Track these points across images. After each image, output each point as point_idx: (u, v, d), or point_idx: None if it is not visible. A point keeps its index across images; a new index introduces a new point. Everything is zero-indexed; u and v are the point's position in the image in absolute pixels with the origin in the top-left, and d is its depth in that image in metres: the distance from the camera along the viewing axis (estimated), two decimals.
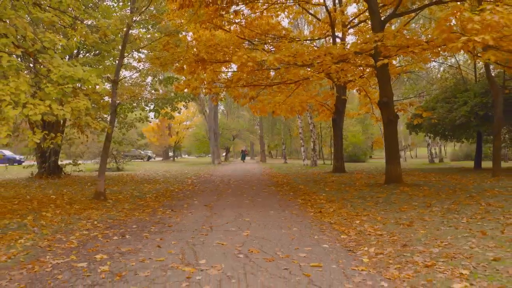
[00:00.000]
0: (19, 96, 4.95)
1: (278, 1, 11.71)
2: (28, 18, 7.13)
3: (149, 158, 44.52)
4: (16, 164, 31.24)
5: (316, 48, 7.72)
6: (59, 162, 14.53)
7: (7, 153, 34.66)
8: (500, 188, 7.70)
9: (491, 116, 13.43)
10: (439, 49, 6.44)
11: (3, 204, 6.59)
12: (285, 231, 4.20)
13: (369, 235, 3.95)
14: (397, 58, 11.96)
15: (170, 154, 46.59)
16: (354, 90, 16.28)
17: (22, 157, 34.04)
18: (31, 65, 8.12)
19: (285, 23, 17.32)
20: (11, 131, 4.83)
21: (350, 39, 20.58)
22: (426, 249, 3.30)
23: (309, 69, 7.45)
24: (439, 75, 23.27)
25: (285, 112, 14.93)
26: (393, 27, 14.80)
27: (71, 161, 15.36)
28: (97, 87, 5.93)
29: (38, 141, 5.04)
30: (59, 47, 5.63)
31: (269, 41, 14.24)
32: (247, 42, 13.77)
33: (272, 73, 10.85)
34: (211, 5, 10.18)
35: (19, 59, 7.54)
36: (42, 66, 5.70)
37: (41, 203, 6.67)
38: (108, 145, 7.49)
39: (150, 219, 5.13)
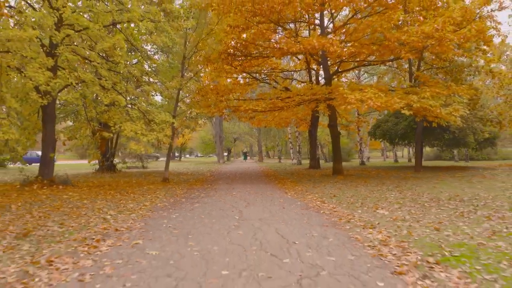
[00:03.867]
0: (143, 130, 10.76)
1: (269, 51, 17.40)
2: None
3: (157, 158, 50.78)
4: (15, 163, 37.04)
5: (288, 93, 13.50)
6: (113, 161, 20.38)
7: (40, 153, 40.57)
8: (395, 178, 13.54)
9: (426, 129, 19.04)
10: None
11: (117, 184, 12.37)
12: (264, 189, 10.07)
13: (297, 190, 9.79)
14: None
15: (176, 154, 52.66)
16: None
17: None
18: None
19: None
20: (141, 148, 10.64)
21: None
22: (313, 194, 9.14)
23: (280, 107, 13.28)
24: None
25: (274, 125, 20.90)
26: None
27: (120, 161, 21.24)
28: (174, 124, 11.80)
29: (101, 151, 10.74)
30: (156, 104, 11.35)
31: (263, 71, 20.09)
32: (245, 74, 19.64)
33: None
34: (223, 60, 16.00)
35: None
36: (145, 115, 11.50)
37: (137, 184, 12.45)
38: (170, 151, 13.32)
39: (203, 187, 10.99)
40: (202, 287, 2.73)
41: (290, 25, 16.77)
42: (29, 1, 10.37)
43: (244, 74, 19.67)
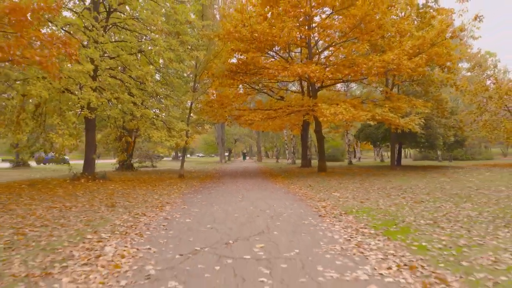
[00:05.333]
0: (166, 137, 13.84)
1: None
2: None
3: (161, 158, 54.18)
4: (62, 163, 40.36)
5: (281, 104, 16.62)
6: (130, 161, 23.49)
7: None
8: (366, 174, 16.64)
9: (400, 134, 22.07)
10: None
11: (143, 179, 15.44)
12: (260, 182, 13.17)
13: (285, 183, 12.89)
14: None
15: (179, 154, 56.12)
16: None
17: (67, 157, 43.43)
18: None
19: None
20: (166, 150, 13.65)
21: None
22: (296, 184, 12.23)
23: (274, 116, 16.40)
24: None
25: (271, 130, 24.02)
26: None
27: (136, 161, 24.34)
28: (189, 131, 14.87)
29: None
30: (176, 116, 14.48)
31: (261, 81, 23.19)
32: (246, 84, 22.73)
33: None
34: (227, 76, 19.08)
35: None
36: (165, 124, 14.57)
37: (159, 179, 15.52)
38: (185, 153, 16.38)
39: (213, 181, 14.08)
40: (226, 219, 5.83)
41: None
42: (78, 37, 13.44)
43: (245, 84, 22.80)
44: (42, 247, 4.43)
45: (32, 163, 32.99)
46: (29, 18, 7.43)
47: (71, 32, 12.73)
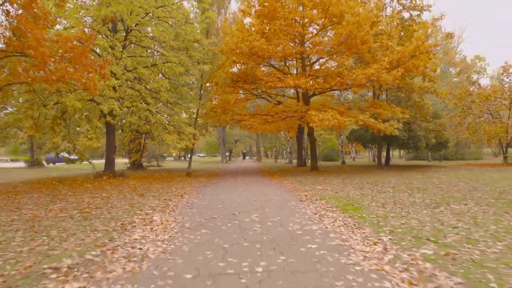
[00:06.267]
0: (177, 140, 16.08)
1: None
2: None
3: (164, 158, 56.49)
4: (71, 162, 42.52)
5: (277, 109, 18.85)
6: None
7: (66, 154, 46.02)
8: (353, 173, 18.86)
9: (385, 136, 24.23)
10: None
11: (156, 177, 17.66)
12: (258, 179, 15.40)
13: (279, 179, 15.12)
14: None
15: (181, 154, 58.24)
16: None
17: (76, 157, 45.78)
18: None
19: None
20: (177, 151, 15.85)
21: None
22: (288, 180, 14.47)
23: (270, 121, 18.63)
24: None
25: (268, 132, 26.28)
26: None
27: (145, 160, 26.59)
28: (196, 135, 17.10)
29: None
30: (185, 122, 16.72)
31: (259, 88, 25.43)
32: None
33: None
34: (228, 85, 21.32)
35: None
36: (175, 129, 16.79)
37: (169, 177, 17.73)
38: (192, 153, 18.60)
39: (218, 178, 16.32)
40: (232, 202, 8.06)
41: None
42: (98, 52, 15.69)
43: (245, 90, 25.06)
44: (110, 218, 6.65)
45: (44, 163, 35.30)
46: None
47: (102, 53, 14.95)
